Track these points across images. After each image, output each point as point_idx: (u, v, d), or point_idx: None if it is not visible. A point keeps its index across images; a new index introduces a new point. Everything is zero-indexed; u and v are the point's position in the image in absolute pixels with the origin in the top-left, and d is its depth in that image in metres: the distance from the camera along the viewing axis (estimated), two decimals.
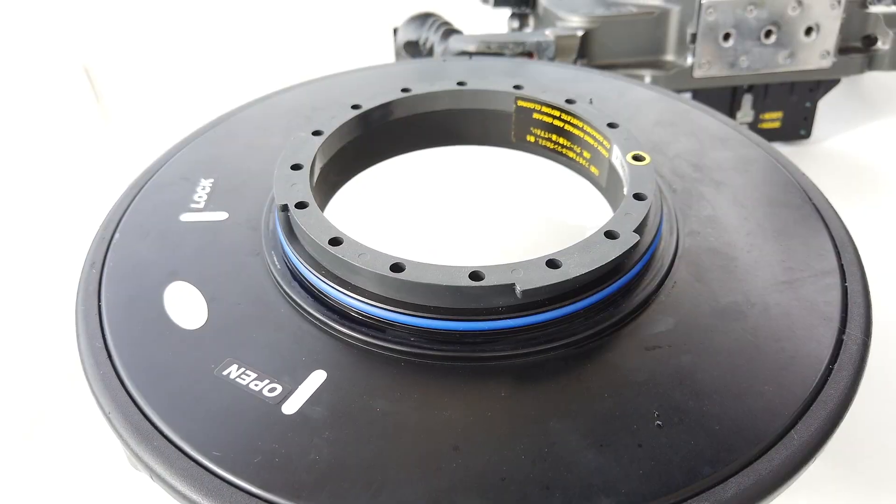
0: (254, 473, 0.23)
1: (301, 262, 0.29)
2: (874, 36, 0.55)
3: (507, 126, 0.38)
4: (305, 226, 0.29)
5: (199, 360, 0.27)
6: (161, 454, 0.24)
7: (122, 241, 0.33)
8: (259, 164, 0.37)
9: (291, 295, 0.29)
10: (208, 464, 0.24)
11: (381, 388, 0.26)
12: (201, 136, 0.40)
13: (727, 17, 0.51)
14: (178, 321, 0.29)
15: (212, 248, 0.32)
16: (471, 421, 0.25)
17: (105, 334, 0.28)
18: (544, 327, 0.27)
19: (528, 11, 0.63)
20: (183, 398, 0.26)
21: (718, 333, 0.28)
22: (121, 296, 0.30)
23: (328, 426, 0.25)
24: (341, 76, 0.46)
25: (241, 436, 0.24)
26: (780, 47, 0.53)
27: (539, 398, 0.25)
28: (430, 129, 0.38)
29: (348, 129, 0.35)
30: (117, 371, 0.27)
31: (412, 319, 0.27)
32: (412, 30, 0.61)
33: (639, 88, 0.44)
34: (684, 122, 0.40)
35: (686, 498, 0.23)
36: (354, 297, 0.28)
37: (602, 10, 0.54)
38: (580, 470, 0.23)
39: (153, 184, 0.36)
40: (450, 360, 0.27)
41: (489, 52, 0.52)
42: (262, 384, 0.26)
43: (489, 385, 0.26)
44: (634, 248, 0.28)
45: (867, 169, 0.56)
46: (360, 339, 0.27)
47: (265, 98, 0.43)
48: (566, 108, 0.36)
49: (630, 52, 0.54)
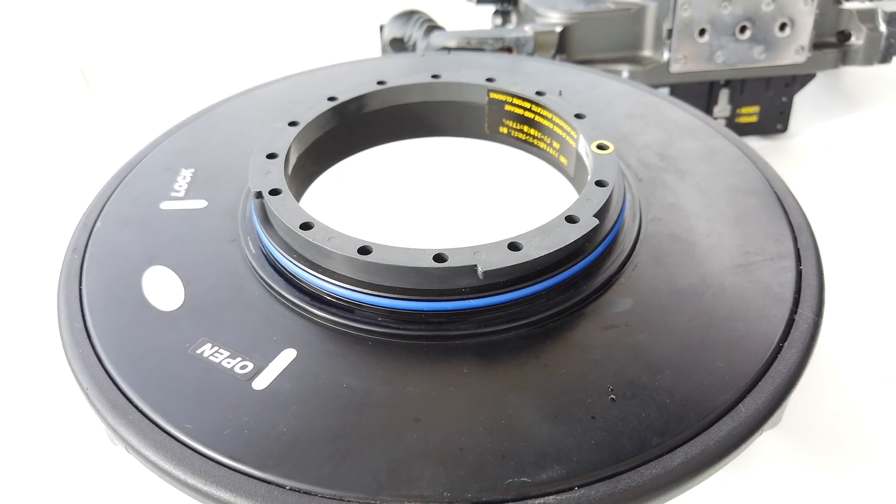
0: (223, 445, 0.24)
1: (274, 247, 0.30)
2: (848, 31, 0.56)
3: (480, 117, 0.39)
4: (278, 211, 0.30)
5: (174, 339, 0.28)
6: (136, 427, 0.25)
7: (104, 228, 0.34)
8: (238, 154, 0.38)
9: (265, 278, 0.30)
10: (181, 436, 0.25)
11: (348, 365, 0.27)
12: (183, 128, 0.41)
13: (702, 13, 0.52)
14: (155, 303, 0.30)
15: (190, 234, 0.33)
16: (433, 396, 0.26)
17: (85, 316, 0.29)
18: (507, 307, 0.28)
19: (511, 8, 0.64)
20: (158, 375, 0.27)
21: (674, 313, 0.29)
22: (101, 280, 0.31)
23: (296, 401, 0.26)
24: (323, 70, 0.47)
25: (213, 410, 0.26)
26: (755, 43, 0.54)
27: (499, 374, 0.27)
28: (405, 121, 0.39)
29: (324, 121, 0.37)
30: (96, 350, 0.28)
31: (379, 300, 0.28)
32: (398, 27, 0.62)
33: (611, 82, 0.45)
34: (654, 114, 0.41)
35: (634, 466, 0.24)
36: (324, 280, 0.29)
37: (581, 7, 0.55)
38: (535, 440, 0.24)
39: (135, 174, 0.37)
40: (415, 338, 0.28)
41: (469, 48, 0.53)
42: (234, 362, 0.27)
43: (452, 362, 0.27)
44: (595, 232, 0.29)
45: (842, 161, 0.57)
46: (330, 319, 0.29)
47: (246, 92, 0.44)
48: (536, 101, 0.37)
49: (608, 48, 0.55)
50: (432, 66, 0.47)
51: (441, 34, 0.54)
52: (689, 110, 0.42)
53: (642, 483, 0.23)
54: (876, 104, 0.63)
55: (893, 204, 0.52)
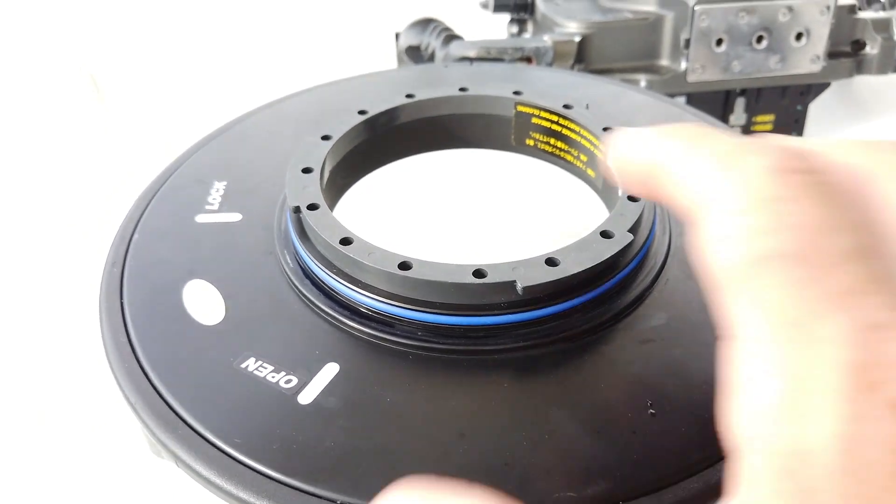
0: (273, 459, 0.25)
1: (313, 261, 0.31)
2: (863, 41, 0.57)
3: (507, 130, 0.40)
4: (317, 227, 0.30)
5: (218, 353, 0.29)
6: (185, 442, 0.26)
7: (142, 240, 0.34)
8: (270, 166, 0.38)
9: (304, 292, 0.31)
10: (230, 450, 0.25)
11: (390, 379, 0.28)
12: (213, 141, 0.41)
13: (719, 23, 0.53)
14: (197, 317, 0.30)
15: (227, 247, 0.34)
16: (475, 410, 0.26)
17: (128, 329, 0.30)
18: (543, 322, 0.29)
19: (527, 17, 0.64)
20: (204, 389, 0.27)
21: (708, 327, 0.29)
22: (142, 293, 0.32)
23: (342, 415, 0.26)
24: (348, 81, 0.47)
25: (260, 424, 0.26)
26: (771, 52, 0.54)
27: (539, 389, 0.27)
28: (433, 133, 0.40)
29: (355, 134, 0.37)
30: (141, 364, 0.28)
31: (419, 315, 0.28)
32: (414, 35, 0.62)
33: (633, 93, 0.46)
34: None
35: (677, 481, 0.24)
36: (364, 294, 0.29)
37: (598, 17, 0.56)
38: (578, 455, 0.25)
39: (169, 185, 0.38)
40: (454, 353, 0.28)
41: (489, 58, 0.54)
42: (278, 376, 0.28)
43: (492, 377, 0.28)
44: (629, 247, 0.30)
45: None
46: (370, 333, 0.29)
47: (273, 104, 0.45)
48: (563, 114, 0.37)
49: (626, 57, 0.56)
50: (456, 77, 0.47)
51: (460, 44, 0.55)
52: (710, 121, 0.43)
53: (686, 498, 0.24)
54: (890, 113, 0.63)
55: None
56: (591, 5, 0.58)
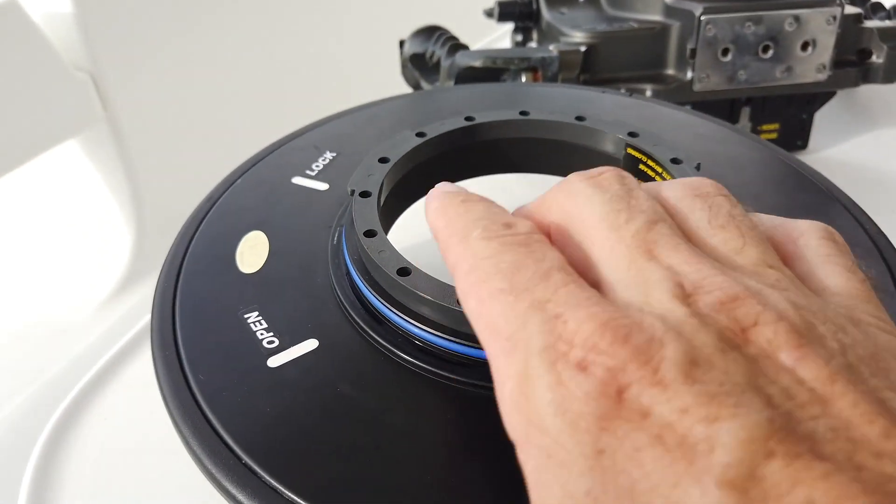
0: (219, 403, 0.26)
1: (349, 258, 0.31)
2: (869, 50, 0.57)
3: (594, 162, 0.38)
4: (355, 213, 0.30)
5: (232, 298, 0.31)
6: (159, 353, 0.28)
7: (242, 186, 0.38)
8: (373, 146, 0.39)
9: (332, 269, 0.32)
10: (192, 383, 0.27)
11: (352, 373, 0.28)
12: (344, 117, 0.44)
13: (726, 33, 0.53)
14: (239, 264, 0.32)
15: (300, 211, 0.36)
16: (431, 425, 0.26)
17: (183, 263, 0.33)
18: None
19: (532, 26, 0.64)
20: (201, 326, 0.30)
21: None
22: (212, 233, 0.35)
23: (292, 388, 0.27)
24: (452, 90, 0.49)
25: (227, 370, 0.28)
26: (777, 62, 0.54)
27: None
28: (544, 158, 0.40)
29: (501, 128, 0.37)
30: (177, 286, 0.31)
31: (410, 327, 0.28)
32: (419, 43, 0.62)
33: (708, 124, 0.43)
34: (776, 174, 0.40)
35: None
36: (374, 295, 0.29)
37: (604, 26, 0.56)
38: None
39: (291, 146, 0.41)
40: (450, 380, 0.27)
41: (494, 67, 0.54)
42: (266, 335, 0.29)
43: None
44: None
45: (863, 178, 0.58)
46: (363, 326, 0.29)
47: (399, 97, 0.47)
48: (669, 169, 0.34)
49: (631, 67, 0.56)
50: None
51: (465, 53, 0.55)
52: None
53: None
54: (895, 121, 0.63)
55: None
56: (596, 14, 0.58)
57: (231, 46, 0.81)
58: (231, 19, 0.83)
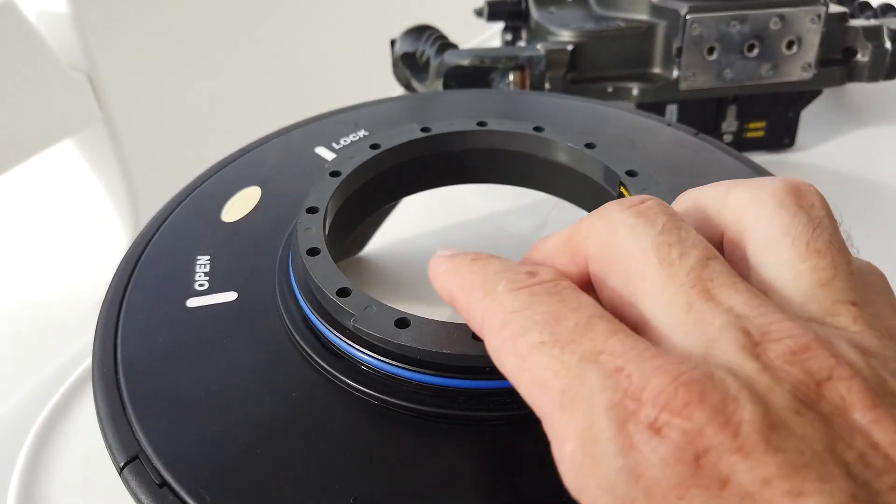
0: (131, 333, 0.28)
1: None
2: (854, 48, 0.58)
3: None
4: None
5: (198, 241, 0.32)
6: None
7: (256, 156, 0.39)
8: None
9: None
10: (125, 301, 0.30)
11: (243, 333, 0.28)
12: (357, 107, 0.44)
13: (711, 32, 0.53)
14: (223, 213, 0.34)
15: (301, 176, 0.37)
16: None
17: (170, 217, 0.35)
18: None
19: (521, 25, 0.65)
20: (158, 259, 0.32)
21: None
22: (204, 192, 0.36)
23: (194, 332, 0.28)
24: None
25: (157, 296, 0.30)
26: (762, 60, 0.55)
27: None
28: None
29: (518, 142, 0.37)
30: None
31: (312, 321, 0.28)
32: (409, 42, 0.63)
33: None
34: None
35: None
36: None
37: (591, 25, 0.56)
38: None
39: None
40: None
41: (482, 66, 0.54)
42: (201, 279, 0.31)
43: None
44: None
45: (849, 175, 0.58)
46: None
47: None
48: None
49: (618, 65, 0.56)
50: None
51: (454, 52, 0.55)
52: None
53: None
54: (881, 119, 0.64)
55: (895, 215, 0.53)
56: (584, 14, 0.58)
57: (226, 47, 0.82)
58: (226, 20, 0.84)
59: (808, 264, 0.18)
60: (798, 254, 0.18)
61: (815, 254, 0.18)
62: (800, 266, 0.18)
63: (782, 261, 0.18)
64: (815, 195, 0.20)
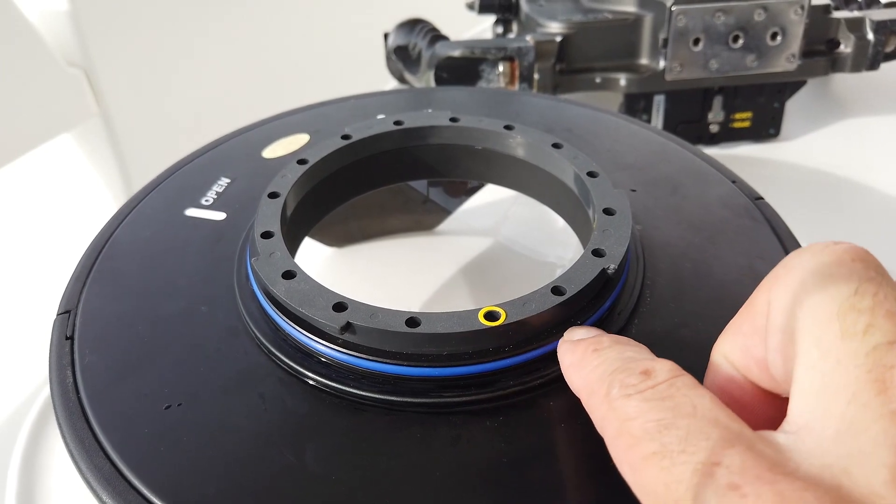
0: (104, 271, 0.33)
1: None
2: (837, 40, 0.59)
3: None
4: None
5: (229, 168, 0.37)
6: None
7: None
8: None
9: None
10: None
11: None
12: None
13: (696, 23, 0.55)
14: (265, 151, 0.39)
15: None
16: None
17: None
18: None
19: (512, 18, 0.66)
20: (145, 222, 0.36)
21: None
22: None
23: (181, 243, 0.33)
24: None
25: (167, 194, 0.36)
26: (747, 51, 0.56)
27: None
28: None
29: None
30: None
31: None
32: (402, 35, 0.64)
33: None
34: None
35: None
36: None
37: (579, 17, 0.57)
38: None
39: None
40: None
41: (473, 57, 0.55)
42: (211, 195, 0.36)
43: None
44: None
45: (833, 165, 0.59)
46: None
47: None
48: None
49: (606, 57, 0.57)
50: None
51: (445, 44, 0.57)
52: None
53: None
54: (864, 109, 0.65)
55: (879, 204, 0.54)
56: (572, 6, 0.60)
57: (222, 42, 0.83)
58: (222, 16, 0.84)
59: None
60: None
61: None
62: None
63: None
64: None
